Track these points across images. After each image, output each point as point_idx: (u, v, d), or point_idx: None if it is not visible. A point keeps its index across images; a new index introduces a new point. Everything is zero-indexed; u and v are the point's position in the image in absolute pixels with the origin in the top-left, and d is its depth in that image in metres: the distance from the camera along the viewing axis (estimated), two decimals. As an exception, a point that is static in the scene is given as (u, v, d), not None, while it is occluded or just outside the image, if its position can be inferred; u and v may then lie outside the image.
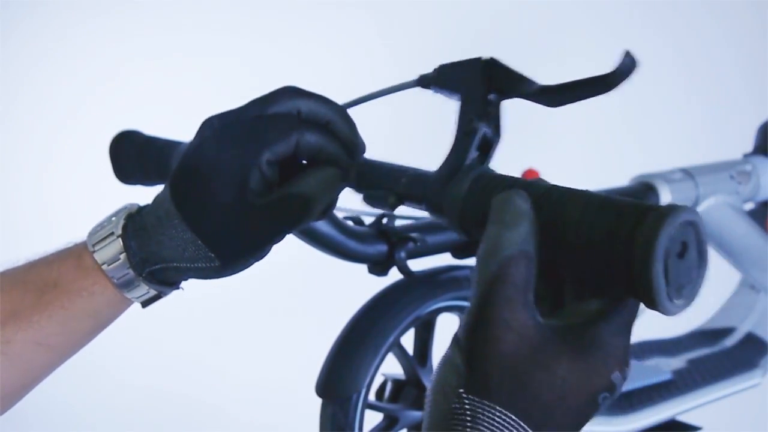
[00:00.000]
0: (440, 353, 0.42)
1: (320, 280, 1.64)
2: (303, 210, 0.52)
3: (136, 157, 0.81)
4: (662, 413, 1.01)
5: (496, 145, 0.51)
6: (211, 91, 1.53)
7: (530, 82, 0.49)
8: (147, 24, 1.96)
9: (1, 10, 1.91)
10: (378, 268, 0.82)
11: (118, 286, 0.53)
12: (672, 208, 0.38)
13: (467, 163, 0.49)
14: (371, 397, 0.83)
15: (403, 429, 0.86)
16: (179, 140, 0.80)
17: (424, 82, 0.55)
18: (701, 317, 1.27)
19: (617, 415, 0.98)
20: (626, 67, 0.44)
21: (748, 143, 1.21)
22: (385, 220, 0.81)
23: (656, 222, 0.38)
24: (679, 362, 1.12)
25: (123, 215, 0.53)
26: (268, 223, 0.51)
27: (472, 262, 0.51)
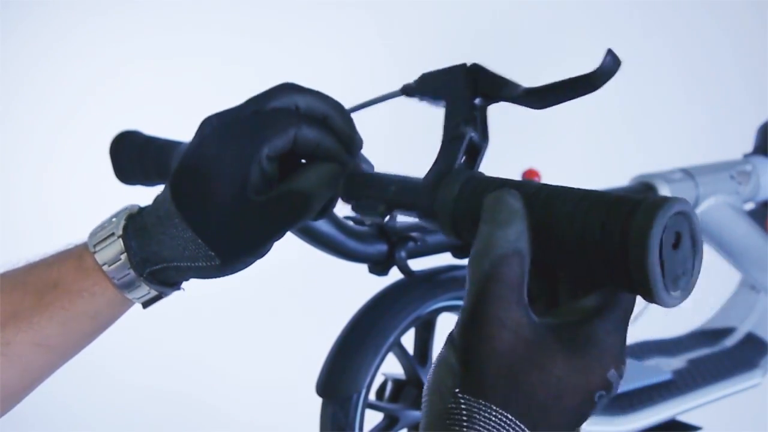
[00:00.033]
0: (440, 353, 0.42)
1: (320, 280, 1.65)
2: (303, 206, 0.52)
3: (136, 158, 0.81)
4: (662, 413, 1.01)
5: (484, 150, 0.51)
6: (212, 91, 1.53)
7: (515, 86, 0.50)
8: (147, 24, 1.96)
9: (1, 10, 1.91)
10: (378, 267, 0.82)
11: (119, 286, 0.53)
12: (664, 199, 0.38)
13: (455, 168, 0.49)
14: (371, 397, 0.83)
15: (404, 429, 0.86)
16: (179, 140, 0.80)
17: (408, 91, 0.55)
18: (701, 317, 1.27)
19: (617, 415, 0.98)
20: (609, 66, 0.44)
21: (748, 143, 1.21)
22: (386, 219, 0.81)
23: (649, 212, 0.38)
24: (679, 362, 1.12)
25: (124, 216, 0.54)
26: (267, 220, 0.51)
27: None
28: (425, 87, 0.54)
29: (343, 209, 0.57)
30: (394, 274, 0.83)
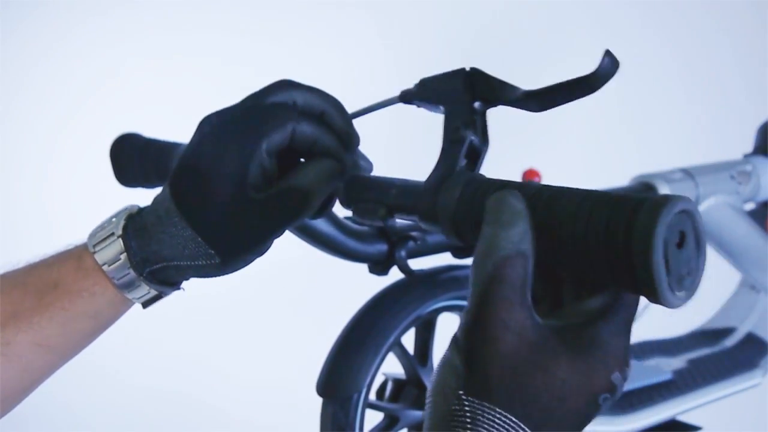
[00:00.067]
0: (441, 353, 0.42)
1: (320, 280, 1.65)
2: (302, 203, 0.52)
3: (136, 160, 0.81)
4: (662, 413, 1.01)
5: (484, 153, 0.52)
6: (211, 91, 1.53)
7: (514, 89, 0.50)
8: (147, 24, 1.96)
9: (1, 10, 1.91)
10: (378, 267, 0.82)
11: (119, 286, 0.53)
12: (668, 198, 0.38)
13: (456, 171, 0.49)
14: (372, 397, 0.83)
15: (404, 429, 0.86)
16: (179, 142, 0.80)
17: (406, 98, 0.55)
18: (701, 317, 1.27)
19: (617, 415, 0.98)
20: (607, 67, 0.44)
21: (748, 143, 1.21)
22: (386, 221, 0.81)
23: (653, 210, 0.37)
24: (680, 362, 1.12)
25: (123, 216, 0.54)
26: (267, 217, 0.51)
27: (473, 262, 0.51)
28: (425, 92, 0.54)
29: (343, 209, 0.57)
30: (394, 274, 0.83)
